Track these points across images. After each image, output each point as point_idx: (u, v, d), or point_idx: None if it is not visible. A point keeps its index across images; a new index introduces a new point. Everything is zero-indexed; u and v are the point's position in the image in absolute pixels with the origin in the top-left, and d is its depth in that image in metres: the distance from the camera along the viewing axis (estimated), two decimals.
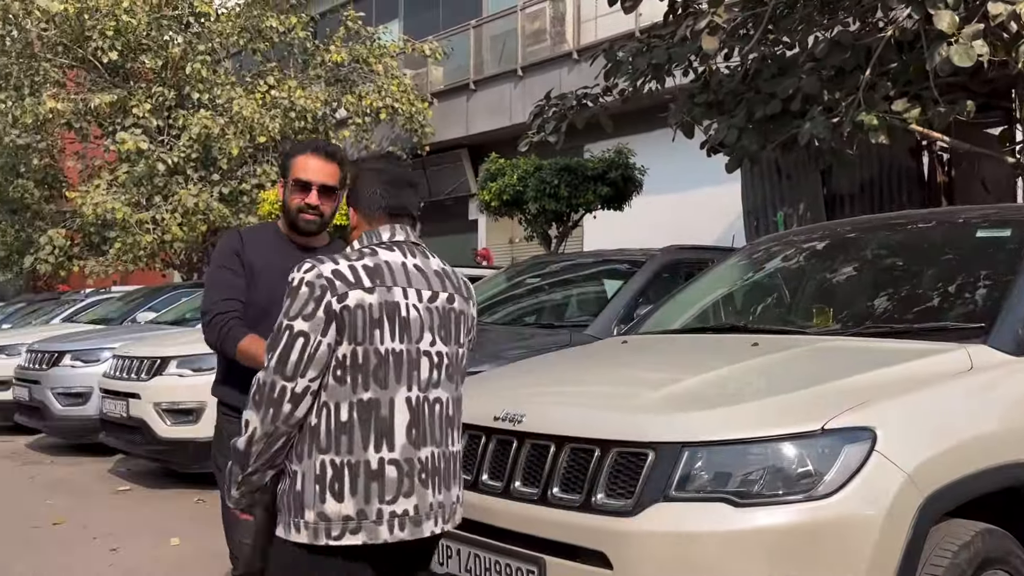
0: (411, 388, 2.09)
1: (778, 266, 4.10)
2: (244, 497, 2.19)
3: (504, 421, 2.67)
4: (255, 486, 2.14)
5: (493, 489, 2.64)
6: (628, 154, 9.70)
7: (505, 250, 16.25)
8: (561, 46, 14.94)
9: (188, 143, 13.62)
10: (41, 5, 12.63)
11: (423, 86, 16.79)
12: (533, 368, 3.37)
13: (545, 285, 6.19)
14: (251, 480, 2.12)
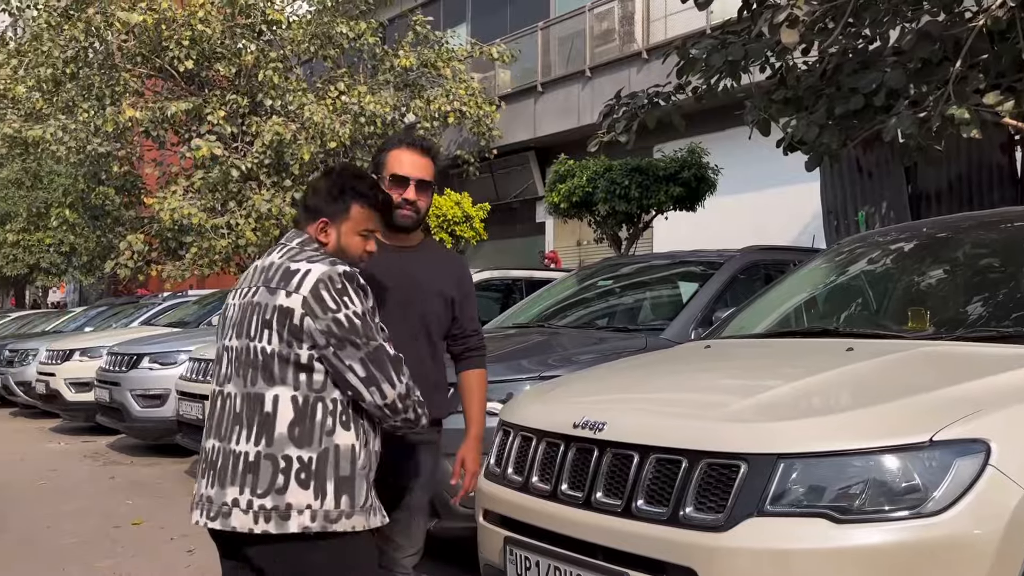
0: (215, 382, 2.30)
1: (866, 267, 3.90)
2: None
3: (584, 429, 2.57)
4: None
5: (573, 499, 2.54)
6: (701, 153, 9.49)
7: (573, 253, 16.13)
8: (630, 46, 14.76)
9: (261, 149, 13.84)
10: (121, 17, 12.98)
11: (491, 89, 16.79)
12: (611, 374, 3.25)
13: (617, 287, 6.05)
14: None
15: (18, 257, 22.94)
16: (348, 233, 2.31)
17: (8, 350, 12.38)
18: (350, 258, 2.31)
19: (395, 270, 2.68)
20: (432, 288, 2.74)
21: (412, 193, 2.68)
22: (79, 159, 14.90)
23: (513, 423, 2.95)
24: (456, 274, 2.84)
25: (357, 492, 2.18)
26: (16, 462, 8.29)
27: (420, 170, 2.70)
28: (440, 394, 2.80)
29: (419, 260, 2.76)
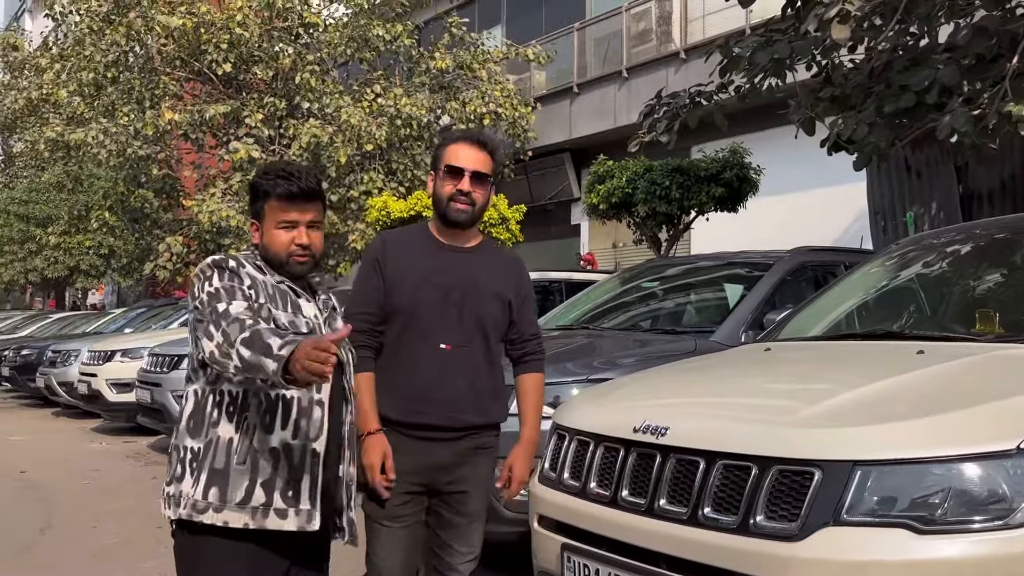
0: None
1: (923, 269, 3.79)
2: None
3: (645, 433, 2.49)
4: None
5: (635, 506, 2.46)
6: (743, 153, 9.34)
7: (608, 255, 16.01)
8: (668, 46, 14.63)
9: (298, 152, 13.90)
10: (162, 21, 13.11)
11: (526, 90, 16.74)
12: (669, 377, 3.16)
13: (662, 289, 5.95)
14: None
15: (59, 259, 23.30)
16: (268, 229, 2.24)
17: (51, 351, 12.53)
18: (276, 252, 2.23)
19: (451, 271, 2.64)
20: (490, 290, 2.68)
21: (466, 184, 2.61)
22: (119, 162, 15.06)
23: (568, 427, 2.88)
24: (515, 276, 2.77)
25: (231, 486, 2.11)
26: (60, 462, 8.37)
27: (476, 163, 2.64)
28: (496, 398, 2.74)
29: (477, 261, 2.70)
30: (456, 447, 2.64)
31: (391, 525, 2.61)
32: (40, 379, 12.60)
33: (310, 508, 2.14)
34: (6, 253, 24.68)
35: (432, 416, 2.60)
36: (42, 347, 13.29)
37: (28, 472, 7.76)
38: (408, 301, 2.62)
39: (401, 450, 2.58)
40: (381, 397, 2.63)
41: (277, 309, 2.17)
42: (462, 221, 2.65)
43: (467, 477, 2.66)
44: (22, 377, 13.89)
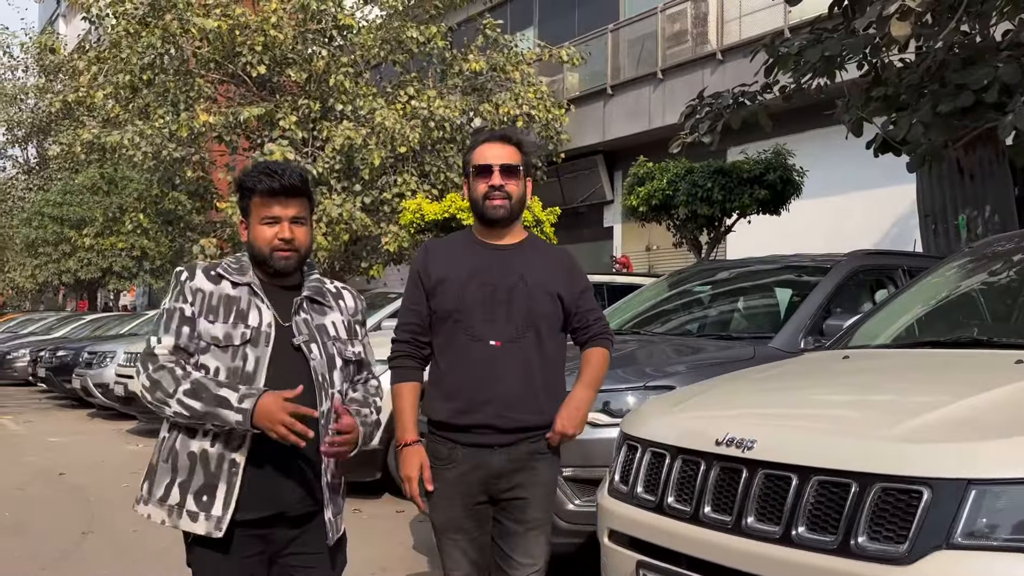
0: None
1: (1007, 272, 3.61)
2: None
3: (730, 446, 2.36)
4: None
5: (720, 524, 2.32)
6: (787, 155, 9.16)
7: (642, 258, 15.85)
8: (704, 47, 14.46)
9: (331, 154, 13.88)
10: (197, 23, 13.13)
11: (559, 92, 16.62)
12: (742, 386, 3.02)
13: (713, 293, 5.80)
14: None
15: (92, 261, 23.50)
16: (253, 225, 2.28)
17: (87, 352, 12.57)
18: (260, 248, 2.27)
19: (496, 268, 2.59)
20: (538, 285, 2.59)
21: (497, 178, 2.58)
22: (153, 164, 15.12)
23: (640, 437, 2.75)
24: (565, 269, 2.68)
25: (156, 483, 2.24)
26: (97, 464, 8.35)
27: (503, 156, 2.60)
28: (552, 396, 2.61)
29: (522, 257, 2.63)
30: (511, 452, 2.54)
31: (456, 537, 2.58)
32: (76, 380, 12.64)
33: (220, 515, 2.17)
34: (40, 255, 24.93)
35: (484, 415, 2.52)
36: (78, 348, 13.34)
37: (67, 474, 7.75)
38: (454, 301, 2.57)
39: (456, 460, 2.55)
40: (433, 401, 2.60)
41: (215, 322, 2.22)
42: (501, 217, 2.60)
43: (526, 484, 2.56)
44: (58, 378, 13.96)
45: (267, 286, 2.29)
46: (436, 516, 2.59)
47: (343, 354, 2.34)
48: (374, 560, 4.93)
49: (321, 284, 2.39)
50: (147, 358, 2.22)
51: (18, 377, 17.59)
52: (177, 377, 2.15)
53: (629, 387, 4.21)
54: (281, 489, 2.22)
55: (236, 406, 2.10)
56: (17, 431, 10.92)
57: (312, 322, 2.30)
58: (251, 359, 2.21)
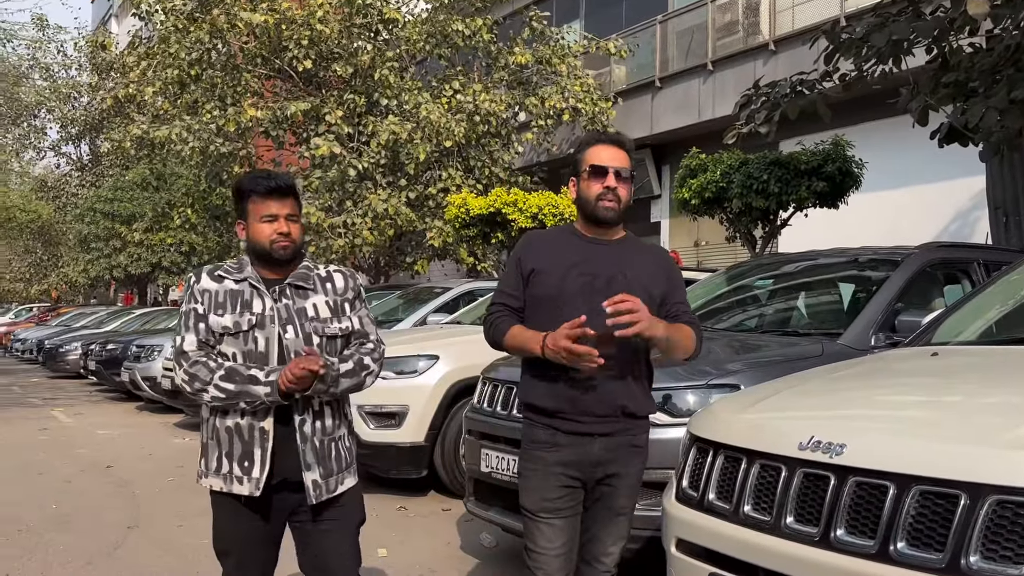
0: None
1: None
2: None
3: (815, 451, 2.15)
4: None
5: (805, 536, 2.12)
6: (846, 146, 8.83)
7: (691, 254, 15.55)
8: (755, 37, 14.10)
9: (377, 149, 13.80)
10: (244, 17, 13.14)
11: (606, 85, 16.36)
12: (822, 385, 2.79)
13: (773, 288, 5.56)
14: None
15: (142, 256, 23.81)
16: (252, 225, 2.58)
17: (135, 346, 12.66)
18: (261, 243, 2.58)
19: (596, 261, 2.67)
20: (637, 281, 2.65)
21: (612, 180, 2.68)
22: (201, 160, 15.19)
23: (712, 439, 2.55)
24: (663, 267, 2.76)
25: (209, 457, 2.61)
26: (144, 457, 8.35)
27: (617, 161, 2.71)
28: (645, 389, 2.71)
29: (622, 254, 2.72)
30: (608, 443, 2.63)
31: (548, 518, 2.64)
32: (125, 374, 12.74)
33: (258, 476, 2.54)
34: (92, 250, 25.34)
35: (584, 404, 2.60)
36: (127, 342, 13.45)
37: (114, 467, 7.75)
38: (554, 290, 2.65)
39: (556, 444, 2.64)
40: (532, 388, 2.69)
41: (223, 315, 2.55)
42: (611, 219, 2.70)
43: (620, 473, 2.65)
44: (108, 371, 14.10)
45: (264, 279, 2.62)
46: (529, 499, 2.67)
47: (322, 332, 2.60)
48: (422, 562, 4.79)
49: (308, 271, 2.67)
50: (179, 356, 2.55)
51: (70, 370, 17.86)
52: (211, 368, 2.49)
53: (690, 385, 3.99)
54: (283, 458, 2.55)
55: (264, 380, 2.47)
56: (68, 424, 11.01)
57: (293, 306, 2.59)
58: (261, 341, 2.54)
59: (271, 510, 2.62)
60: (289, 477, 2.57)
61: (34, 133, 29.11)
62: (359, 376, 2.60)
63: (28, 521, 5.74)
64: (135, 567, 4.73)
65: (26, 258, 36.91)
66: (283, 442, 2.55)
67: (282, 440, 2.55)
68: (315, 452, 2.57)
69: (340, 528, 2.68)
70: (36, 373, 20.03)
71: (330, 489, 2.61)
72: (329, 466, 2.60)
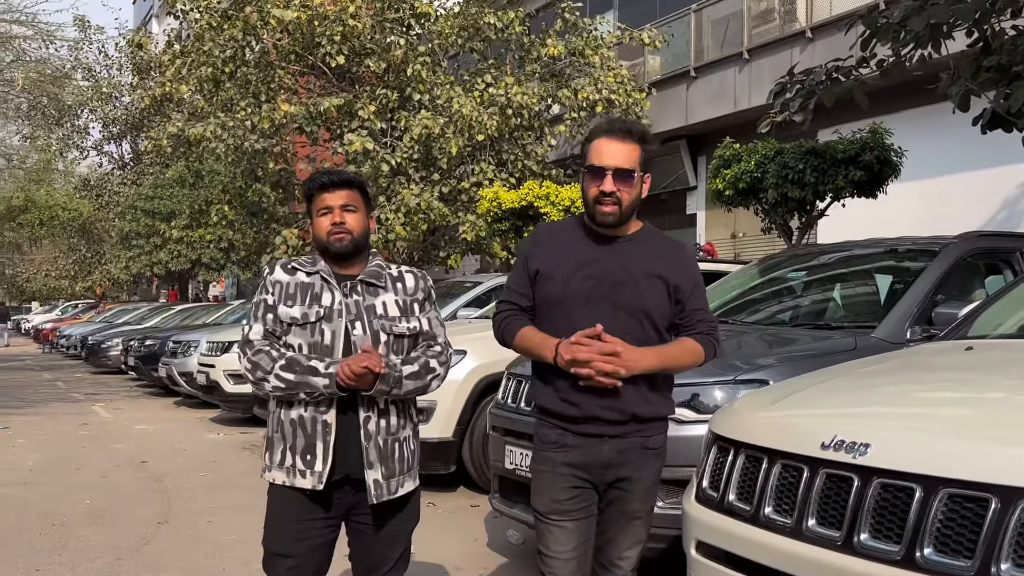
0: None
1: None
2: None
3: (838, 451, 2.05)
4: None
5: (827, 540, 2.03)
6: (885, 133, 8.60)
7: (727, 246, 15.33)
8: (792, 25, 13.84)
9: (410, 144, 13.78)
10: (277, 14, 13.19)
11: (639, 76, 16.18)
12: (848, 381, 2.68)
13: (807, 280, 5.41)
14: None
15: (181, 253, 24.10)
16: (314, 219, 2.62)
17: (172, 341, 12.81)
18: (320, 238, 2.60)
19: (603, 261, 2.54)
20: (647, 277, 2.52)
21: (609, 184, 2.47)
22: (236, 157, 15.30)
23: (733, 438, 2.46)
24: (679, 261, 2.59)
25: (273, 451, 2.59)
26: (178, 452, 8.43)
27: (619, 158, 2.49)
28: (659, 389, 2.54)
29: (633, 249, 2.56)
30: (620, 444, 2.50)
31: (559, 520, 2.54)
32: (162, 369, 12.90)
33: (321, 470, 2.51)
34: (134, 247, 25.72)
35: (593, 408, 2.47)
36: (164, 338, 13.62)
37: (148, 462, 7.83)
38: (559, 293, 2.53)
39: (565, 444, 2.54)
40: (541, 390, 2.60)
41: (292, 306, 2.56)
42: (609, 223, 2.53)
43: (632, 477, 2.53)
44: (146, 366, 14.30)
45: (336, 275, 2.61)
46: (539, 500, 2.57)
47: (390, 330, 2.58)
48: (449, 558, 4.74)
49: (380, 269, 2.66)
50: (244, 344, 2.58)
51: (112, 365, 18.17)
52: (273, 357, 2.51)
53: (717, 380, 3.89)
54: (346, 454, 2.52)
55: (324, 372, 2.47)
56: (107, 419, 11.17)
57: (363, 303, 2.58)
58: (328, 333, 2.54)
59: (331, 508, 2.58)
60: (351, 474, 2.54)
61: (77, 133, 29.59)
62: (424, 379, 2.57)
63: (62, 515, 5.81)
64: (162, 562, 4.75)
65: (71, 255, 37.64)
66: (346, 437, 2.52)
67: (345, 435, 2.52)
68: (378, 451, 2.54)
69: (395, 535, 2.65)
70: (80, 369, 20.41)
71: (391, 490, 2.57)
72: (391, 466, 2.57)
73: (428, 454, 6.23)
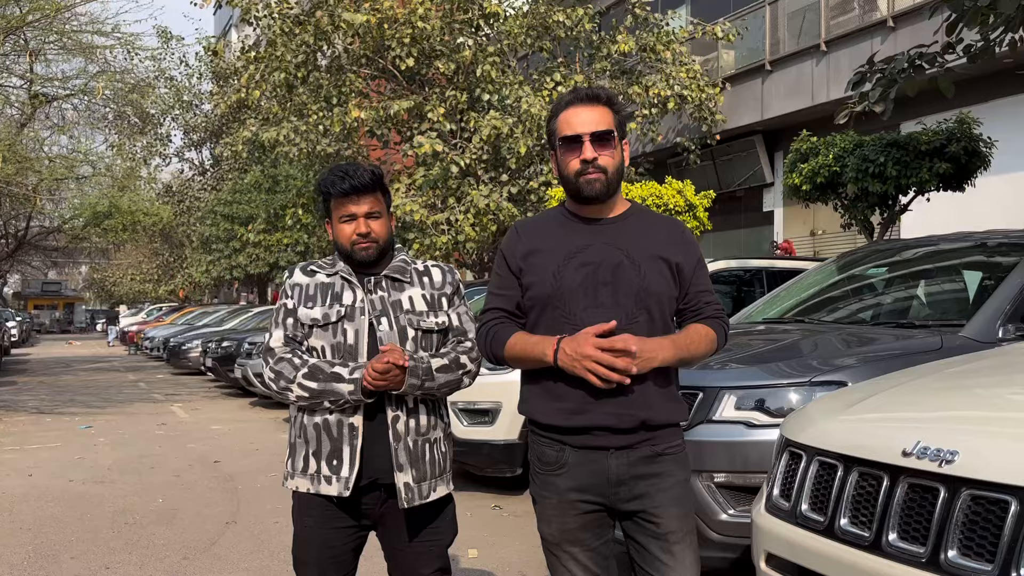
0: None
1: None
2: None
3: (922, 459, 1.87)
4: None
5: (910, 556, 1.84)
6: (973, 124, 8.18)
7: (806, 243, 14.89)
8: (872, 14, 13.35)
9: (479, 145, 13.76)
10: (347, 18, 13.31)
11: (713, 71, 15.85)
12: (931, 383, 2.47)
13: (889, 276, 5.14)
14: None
15: (259, 256, 24.61)
16: (335, 224, 2.51)
17: (247, 343, 13.03)
18: (342, 244, 2.51)
19: (597, 245, 2.25)
20: (647, 258, 2.23)
21: (589, 151, 2.21)
22: (309, 161, 15.51)
23: (806, 444, 2.29)
24: (677, 238, 2.30)
25: (296, 458, 2.50)
26: (250, 452, 8.53)
27: (593, 123, 2.23)
28: (668, 391, 2.23)
29: (626, 229, 2.28)
30: (628, 456, 2.18)
31: (572, 551, 2.23)
32: (238, 370, 13.14)
33: (348, 476, 2.42)
34: (214, 251, 26.39)
35: (599, 415, 2.16)
36: (240, 339, 13.87)
37: (221, 462, 7.93)
38: (551, 288, 2.23)
39: (566, 463, 2.22)
40: (536, 401, 2.26)
41: (313, 307, 2.49)
42: (598, 194, 2.24)
43: (651, 493, 2.19)
44: (223, 368, 14.59)
45: (357, 273, 2.53)
46: (546, 528, 2.26)
47: (417, 325, 2.49)
48: (514, 563, 4.64)
49: (405, 264, 2.58)
50: (266, 353, 2.51)
51: (192, 367, 18.64)
52: (296, 364, 2.43)
53: (792, 382, 3.70)
54: (374, 458, 2.43)
55: (348, 378, 2.38)
56: (184, 419, 11.41)
57: (388, 298, 2.50)
58: (351, 333, 2.45)
59: (359, 515, 2.50)
60: (379, 479, 2.44)
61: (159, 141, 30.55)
62: (455, 374, 2.46)
63: (135, 514, 5.91)
64: (228, 564, 4.76)
65: (154, 260, 38.89)
66: (374, 440, 2.42)
67: (373, 438, 2.42)
68: (408, 452, 2.43)
69: (430, 550, 2.54)
70: (161, 370, 21.02)
71: (422, 494, 2.45)
72: (422, 469, 2.46)
73: (494, 456, 6.15)
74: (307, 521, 2.51)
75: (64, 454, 8.48)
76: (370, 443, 2.42)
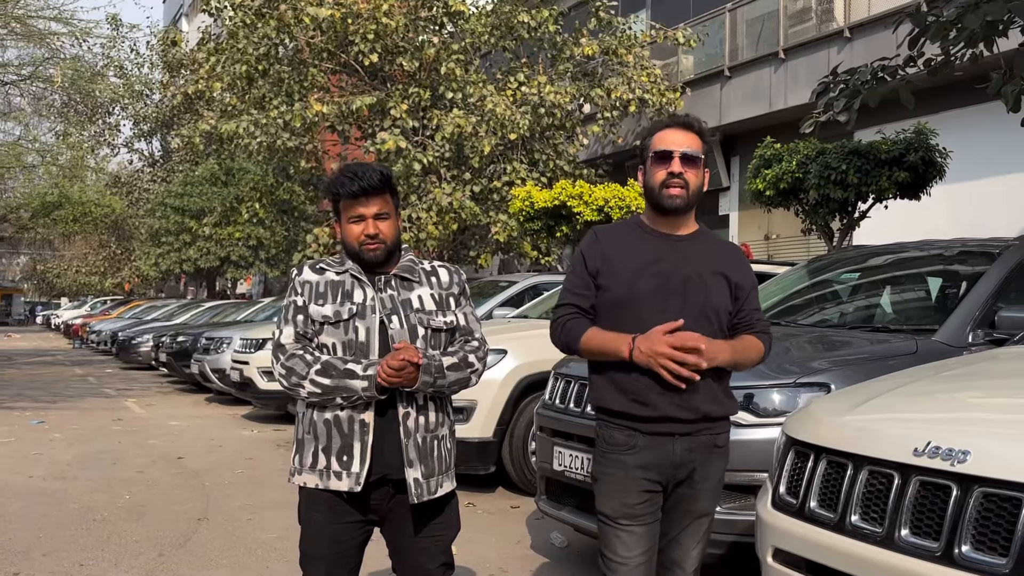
0: None
1: None
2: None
3: (934, 458, 1.97)
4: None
5: (923, 551, 1.94)
6: (930, 134, 8.45)
7: (761, 247, 15.17)
8: (829, 24, 13.68)
9: (441, 142, 13.76)
10: (310, 12, 13.20)
11: (673, 75, 16.06)
12: (928, 385, 2.58)
13: (858, 282, 5.30)
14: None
15: (211, 250, 24.25)
16: (344, 226, 2.54)
17: (204, 338, 12.85)
18: (350, 245, 2.54)
19: (669, 259, 2.51)
20: (712, 275, 2.52)
21: (677, 165, 2.49)
22: (268, 154, 15.35)
23: (812, 443, 2.38)
24: (737, 262, 2.62)
25: (304, 453, 2.52)
26: (214, 448, 8.43)
27: (685, 144, 2.52)
28: (726, 388, 2.53)
29: (694, 248, 2.56)
30: (691, 442, 2.48)
31: (629, 525, 2.50)
32: (194, 365, 12.95)
33: (358, 471, 2.44)
34: (163, 244, 25.92)
35: (664, 407, 2.44)
36: (196, 334, 13.67)
37: (184, 458, 7.83)
38: (625, 292, 2.50)
39: (635, 446, 2.49)
40: (605, 391, 2.53)
41: (324, 304, 2.50)
42: (677, 206, 2.52)
43: (699, 477, 2.51)
44: (178, 363, 14.36)
45: (366, 272, 2.56)
46: (607, 504, 2.51)
47: (427, 324, 2.53)
48: (493, 560, 4.68)
49: (413, 264, 2.62)
50: (277, 349, 2.50)
51: (142, 361, 18.29)
52: (308, 361, 2.44)
53: (776, 384, 3.81)
54: (384, 453, 2.45)
55: (361, 374, 2.40)
56: (140, 414, 11.21)
57: (398, 297, 2.54)
58: (362, 331, 2.48)
59: (367, 510, 2.53)
60: (389, 474, 2.48)
61: (108, 130, 29.87)
62: (464, 372, 2.53)
63: (103, 511, 5.81)
64: (205, 560, 4.72)
65: (101, 252, 38.02)
66: (384, 436, 2.46)
67: (383, 434, 2.46)
68: (418, 448, 2.48)
69: (435, 544, 2.59)
70: (110, 364, 20.58)
71: (431, 490, 2.51)
72: (431, 465, 2.51)
73: (468, 454, 6.18)
74: (315, 516, 2.52)
75: (19, 449, 8.28)
76: (380, 439, 2.46)
